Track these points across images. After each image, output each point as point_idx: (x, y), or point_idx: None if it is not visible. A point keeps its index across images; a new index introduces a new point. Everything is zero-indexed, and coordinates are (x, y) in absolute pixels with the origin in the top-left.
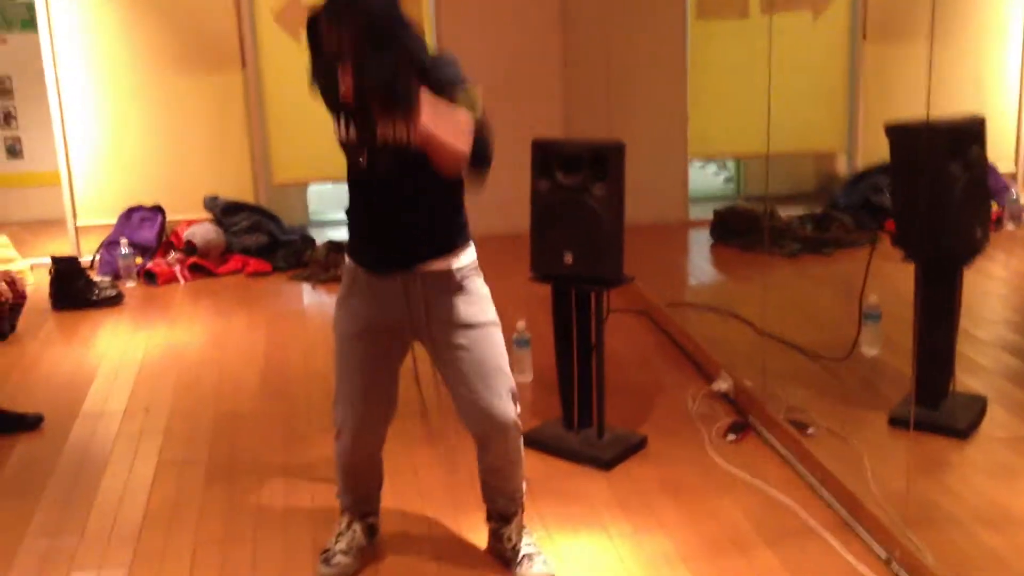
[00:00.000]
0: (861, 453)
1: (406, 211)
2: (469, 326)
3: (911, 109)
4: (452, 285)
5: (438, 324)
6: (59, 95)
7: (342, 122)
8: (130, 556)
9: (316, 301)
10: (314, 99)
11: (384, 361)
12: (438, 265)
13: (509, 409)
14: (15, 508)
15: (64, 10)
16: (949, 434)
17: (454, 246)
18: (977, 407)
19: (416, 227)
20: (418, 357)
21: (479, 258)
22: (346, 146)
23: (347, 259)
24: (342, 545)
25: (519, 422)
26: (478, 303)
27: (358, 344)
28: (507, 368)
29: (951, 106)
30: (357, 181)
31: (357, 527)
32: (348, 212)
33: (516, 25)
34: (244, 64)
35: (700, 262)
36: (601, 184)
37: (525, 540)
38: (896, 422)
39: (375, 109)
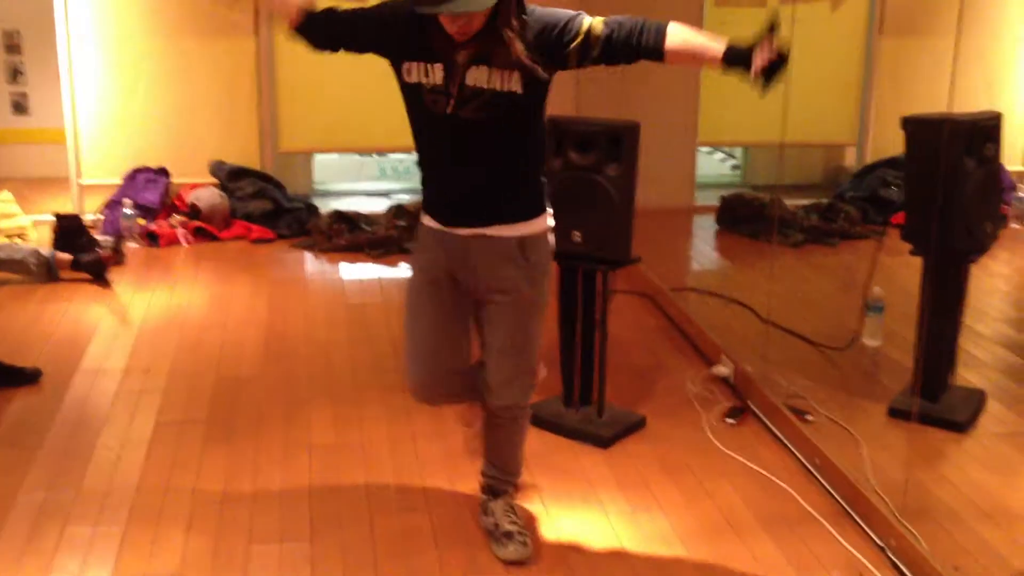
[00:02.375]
0: (860, 442)
1: (482, 165)
2: (517, 297)
3: (924, 104)
4: (514, 251)
5: (487, 287)
6: (69, 52)
7: (422, 68)
8: (126, 514)
9: (318, 269)
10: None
11: (450, 313)
12: (506, 230)
13: (524, 396)
14: (12, 460)
15: None
16: (948, 427)
17: (526, 211)
18: (976, 401)
19: (489, 184)
20: None
21: None
22: (425, 92)
23: (421, 213)
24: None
25: (529, 409)
26: (533, 276)
27: (424, 297)
28: (535, 351)
29: (963, 103)
30: (431, 131)
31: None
32: (420, 164)
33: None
34: (257, 31)
35: (705, 248)
36: (614, 164)
37: (510, 518)
38: (896, 413)
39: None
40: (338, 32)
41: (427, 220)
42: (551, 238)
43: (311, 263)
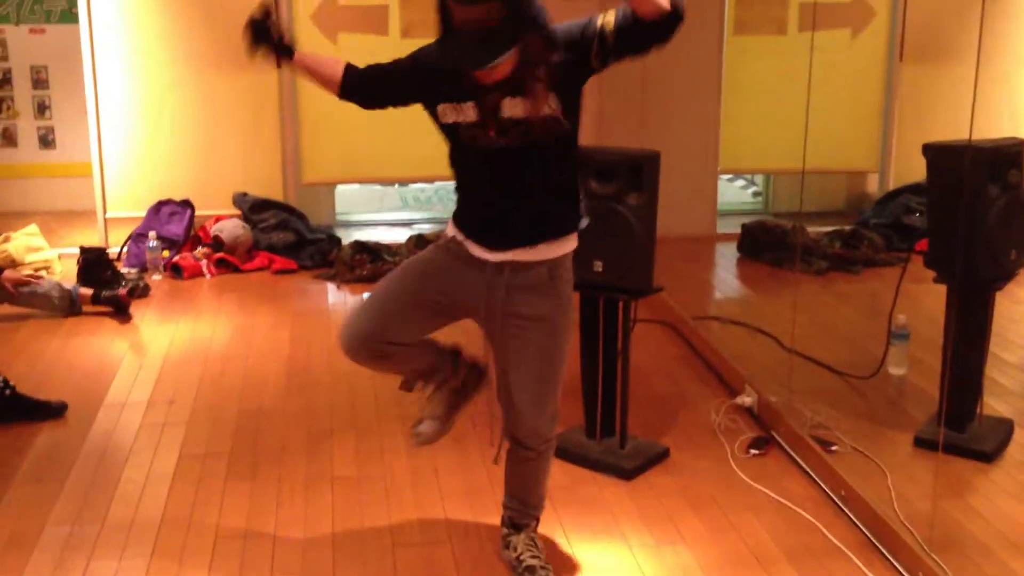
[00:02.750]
0: (886, 472)
1: (526, 188)
2: (545, 325)
3: (946, 130)
4: (544, 279)
5: (515, 313)
6: (95, 87)
7: (455, 108)
8: (150, 548)
9: (340, 300)
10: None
11: (425, 309)
12: (538, 253)
13: (547, 430)
14: (38, 494)
15: (104, 3)
16: (975, 457)
17: (564, 229)
18: (1004, 431)
19: (533, 206)
20: None
21: None
22: (462, 130)
23: (450, 223)
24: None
25: (554, 441)
26: (560, 303)
27: (408, 278)
28: (559, 381)
29: (987, 129)
30: (473, 163)
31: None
32: (458, 190)
33: None
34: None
35: (727, 276)
36: (635, 194)
37: (532, 552)
38: (922, 443)
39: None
40: (380, 91)
41: (459, 239)
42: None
43: (333, 294)
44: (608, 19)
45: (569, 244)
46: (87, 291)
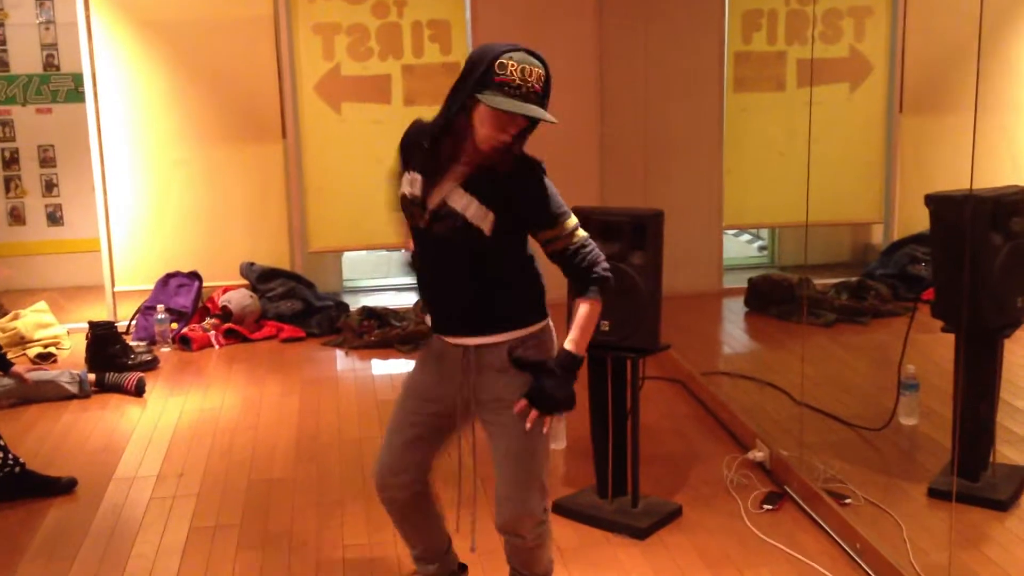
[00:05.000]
0: (900, 524)
1: (460, 280)
2: (511, 407)
3: (948, 181)
4: (505, 362)
5: (484, 400)
6: (102, 164)
7: (410, 178)
8: None
9: (349, 367)
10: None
11: (428, 423)
12: (493, 339)
13: (527, 509)
14: (49, 571)
15: (110, 83)
16: (989, 506)
17: (515, 322)
18: (1017, 479)
19: (470, 297)
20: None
21: None
22: (407, 203)
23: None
24: None
25: (543, 518)
26: (525, 380)
27: (412, 397)
28: (541, 462)
29: (990, 178)
30: (417, 242)
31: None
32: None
33: (555, 94)
34: (284, 134)
35: (735, 331)
36: (640, 253)
37: None
38: (935, 493)
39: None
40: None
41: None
42: (553, 337)
43: (342, 360)
44: (578, 237)
45: (525, 332)
46: (92, 376)
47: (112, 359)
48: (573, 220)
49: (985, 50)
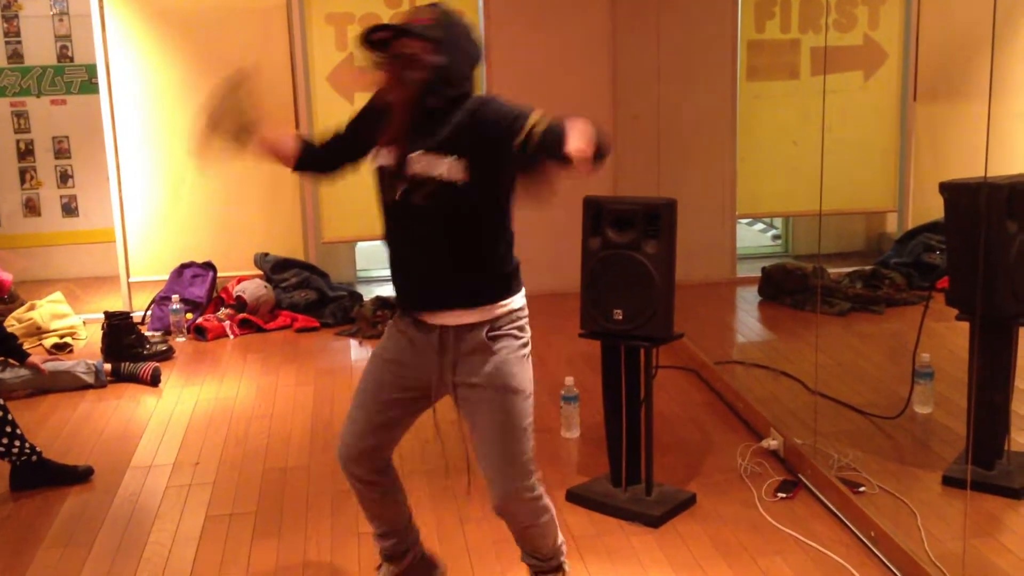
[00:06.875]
0: (915, 512)
1: (437, 252)
2: (490, 389)
3: (964, 168)
4: (483, 341)
5: (462, 381)
6: (116, 155)
7: (384, 152)
8: None
9: (363, 357)
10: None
11: (402, 406)
12: (468, 316)
13: (516, 487)
14: (65, 558)
15: (124, 74)
16: (1004, 494)
17: (488, 296)
18: None
19: (446, 271)
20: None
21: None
22: (384, 176)
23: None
24: None
25: (535, 494)
26: (505, 366)
27: (382, 377)
28: (524, 436)
29: (1007, 165)
30: (388, 217)
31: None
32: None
33: (568, 83)
34: (297, 124)
35: (748, 320)
36: (653, 241)
37: None
38: (950, 481)
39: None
40: (329, 155)
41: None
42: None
43: (356, 350)
44: (540, 124)
45: (500, 309)
46: (108, 366)
47: (128, 349)
48: (538, 112)
49: (999, 37)
